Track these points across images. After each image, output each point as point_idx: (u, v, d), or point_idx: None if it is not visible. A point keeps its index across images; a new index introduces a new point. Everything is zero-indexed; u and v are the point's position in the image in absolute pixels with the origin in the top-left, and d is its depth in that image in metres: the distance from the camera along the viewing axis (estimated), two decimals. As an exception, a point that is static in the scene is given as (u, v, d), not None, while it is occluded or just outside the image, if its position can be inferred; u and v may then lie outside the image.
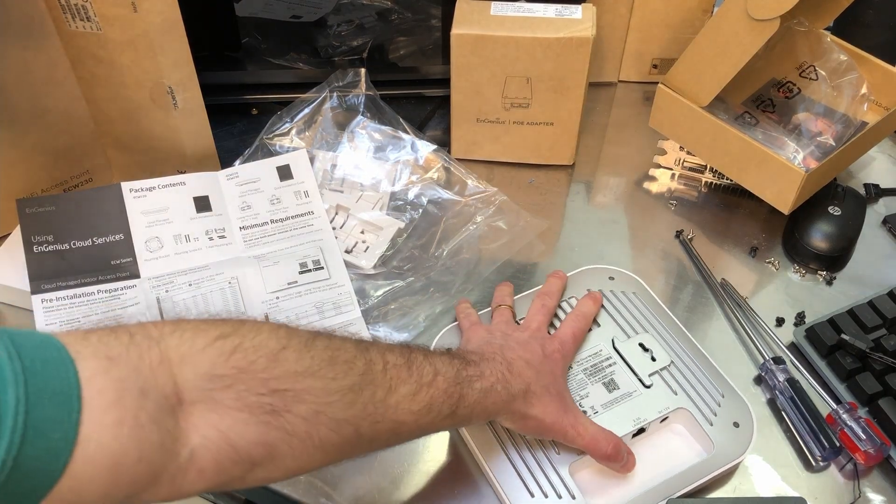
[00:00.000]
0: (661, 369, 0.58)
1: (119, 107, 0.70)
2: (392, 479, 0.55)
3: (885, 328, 0.62)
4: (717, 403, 0.56)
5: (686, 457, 0.55)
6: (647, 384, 0.57)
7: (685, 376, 0.58)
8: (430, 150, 0.77)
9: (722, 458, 0.54)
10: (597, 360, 0.59)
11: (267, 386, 0.38)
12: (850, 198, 0.73)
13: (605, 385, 0.57)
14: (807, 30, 0.74)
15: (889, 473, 0.56)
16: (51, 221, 0.65)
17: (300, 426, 0.39)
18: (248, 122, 0.83)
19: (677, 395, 0.57)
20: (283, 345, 0.40)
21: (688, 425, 0.57)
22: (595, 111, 0.87)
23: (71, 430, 0.32)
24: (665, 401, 0.56)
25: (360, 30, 0.92)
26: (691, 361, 0.59)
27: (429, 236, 0.72)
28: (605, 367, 0.59)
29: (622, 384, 0.57)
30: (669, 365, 0.59)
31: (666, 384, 0.58)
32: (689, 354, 0.60)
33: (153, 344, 0.36)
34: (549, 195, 0.78)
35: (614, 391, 0.57)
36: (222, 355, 0.38)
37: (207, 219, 0.68)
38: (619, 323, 0.62)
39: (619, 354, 0.60)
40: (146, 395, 0.35)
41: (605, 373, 0.58)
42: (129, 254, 0.65)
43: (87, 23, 0.63)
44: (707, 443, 0.55)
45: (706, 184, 0.78)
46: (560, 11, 0.72)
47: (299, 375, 0.39)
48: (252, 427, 0.37)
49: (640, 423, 0.55)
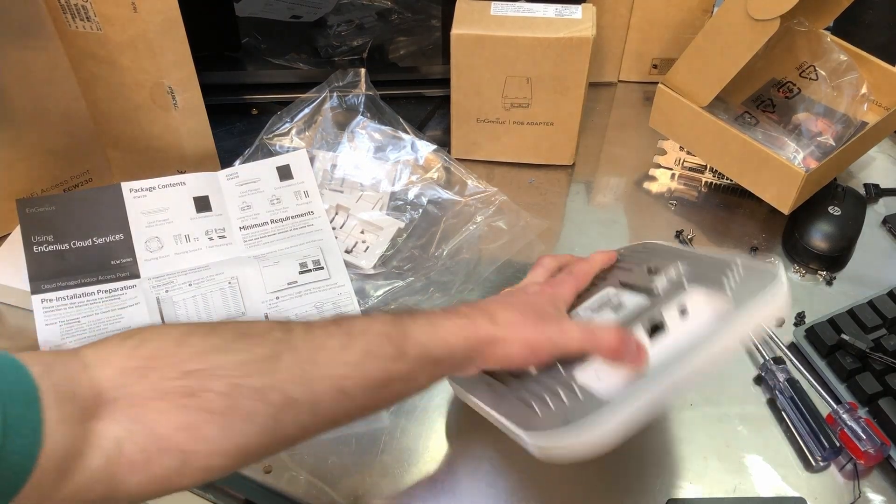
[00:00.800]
0: (667, 275, 0.53)
1: (119, 107, 0.70)
2: (392, 478, 0.55)
3: (885, 328, 0.62)
4: (736, 274, 0.49)
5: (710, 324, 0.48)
6: (656, 292, 0.51)
7: (693, 269, 0.52)
8: (430, 150, 0.77)
9: (746, 313, 0.46)
10: (603, 301, 0.54)
11: (178, 369, 0.38)
12: (850, 198, 0.73)
13: (613, 309, 0.52)
14: (807, 30, 0.74)
15: (889, 473, 0.56)
16: (51, 221, 0.65)
17: (219, 402, 0.38)
18: (248, 122, 0.83)
19: (688, 289, 0.50)
20: (187, 331, 0.40)
21: (711, 299, 0.49)
22: (595, 111, 0.87)
23: (38, 427, 0.34)
24: (678, 296, 0.49)
25: (360, 30, 0.92)
26: (699, 259, 0.52)
27: (429, 236, 0.72)
28: (612, 297, 0.54)
29: (629, 304, 0.52)
30: (676, 267, 0.53)
31: (672, 284, 0.51)
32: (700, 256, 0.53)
33: (73, 355, 0.39)
34: (549, 195, 0.78)
35: (621, 311, 0.52)
36: (131, 350, 0.39)
37: (207, 219, 0.68)
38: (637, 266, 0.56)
39: (627, 286, 0.54)
40: (75, 396, 0.37)
41: (612, 303, 0.53)
42: (129, 254, 0.65)
43: (87, 23, 0.63)
44: (729, 303, 0.47)
45: (706, 184, 0.78)
46: (560, 11, 0.72)
47: (208, 353, 0.39)
48: (172, 413, 0.38)
49: (653, 320, 0.48)
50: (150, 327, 0.42)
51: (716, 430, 0.58)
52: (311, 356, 0.41)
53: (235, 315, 0.63)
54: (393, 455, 0.56)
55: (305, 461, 0.56)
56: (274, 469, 0.55)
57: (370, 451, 0.56)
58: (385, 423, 0.58)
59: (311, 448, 0.56)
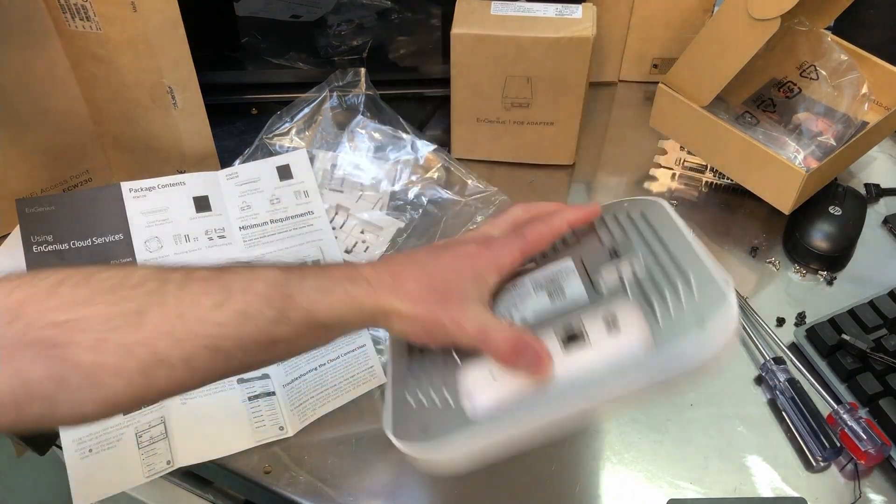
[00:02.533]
0: (621, 270, 0.45)
1: (119, 107, 0.70)
2: (392, 478, 0.55)
3: (885, 328, 0.62)
4: (679, 299, 0.41)
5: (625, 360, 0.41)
6: (600, 290, 0.44)
7: (651, 273, 0.43)
8: (430, 149, 0.77)
9: (667, 360, 0.39)
10: (550, 277, 0.47)
11: (46, 319, 0.38)
12: (851, 198, 0.73)
13: (550, 295, 0.45)
14: (807, 30, 0.74)
15: (889, 474, 0.56)
16: (50, 221, 0.65)
17: (86, 356, 0.38)
18: (248, 122, 0.83)
19: (630, 299, 0.43)
20: (60, 280, 0.40)
21: (637, 324, 0.41)
22: (595, 111, 0.87)
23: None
24: (616, 304, 0.43)
25: (360, 30, 0.92)
26: (669, 260, 0.43)
27: (429, 236, 0.72)
28: (559, 277, 0.46)
29: (569, 294, 0.45)
30: (634, 258, 0.45)
31: (618, 285, 0.44)
32: (670, 254, 0.44)
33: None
34: (549, 195, 0.78)
35: (557, 300, 0.45)
36: (5, 294, 0.39)
37: (207, 219, 0.68)
38: (605, 242, 0.48)
39: (585, 268, 0.47)
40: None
41: (555, 285, 0.46)
42: (128, 254, 0.65)
43: (87, 23, 0.63)
44: (651, 343, 0.40)
45: (706, 184, 0.78)
46: (560, 11, 0.72)
47: (77, 305, 0.39)
48: (39, 362, 0.38)
49: (569, 329, 0.42)
50: (26, 274, 0.41)
51: (716, 430, 0.58)
52: (180, 312, 0.40)
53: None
54: (393, 455, 0.56)
55: (305, 461, 0.56)
56: (274, 469, 0.55)
57: (370, 451, 0.56)
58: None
59: (311, 448, 0.56)
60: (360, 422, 0.58)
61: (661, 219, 0.47)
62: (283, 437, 0.57)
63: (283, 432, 0.57)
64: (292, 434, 0.57)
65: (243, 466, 0.55)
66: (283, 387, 0.59)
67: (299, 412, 0.58)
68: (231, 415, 0.57)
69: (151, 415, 0.57)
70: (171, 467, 0.55)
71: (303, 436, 0.57)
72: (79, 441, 0.55)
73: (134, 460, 0.55)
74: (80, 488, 0.54)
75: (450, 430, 0.41)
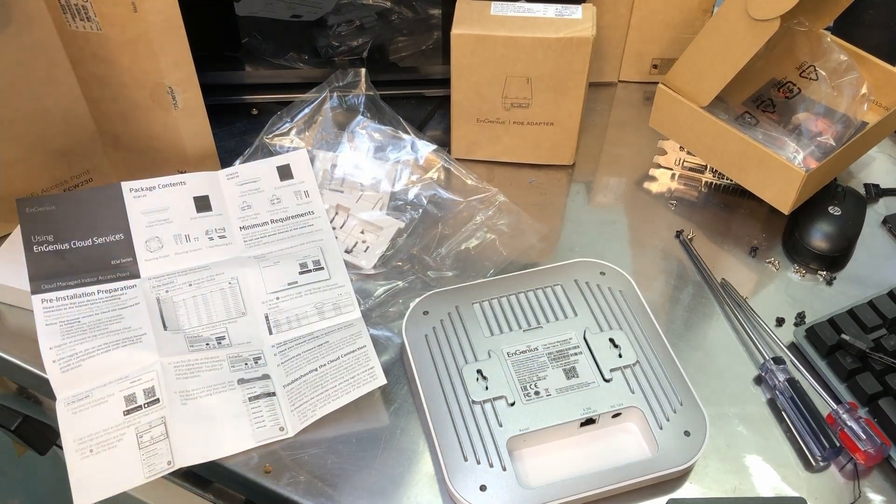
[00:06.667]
0: (625, 367, 0.58)
1: (119, 107, 0.70)
2: (392, 478, 0.55)
3: (885, 328, 0.62)
4: (672, 410, 0.56)
5: (630, 455, 0.55)
6: (606, 378, 0.57)
7: (647, 378, 0.58)
8: (430, 150, 0.77)
9: (665, 462, 0.54)
10: (563, 347, 0.59)
11: None
12: (851, 198, 0.73)
13: (565, 371, 0.58)
14: (807, 30, 0.74)
15: (889, 474, 0.56)
16: (51, 221, 0.65)
17: None
18: (248, 122, 0.84)
19: (634, 394, 0.57)
20: None
21: (639, 425, 0.57)
22: (595, 111, 0.87)
23: None
24: (621, 397, 0.56)
25: (360, 30, 0.92)
26: (658, 366, 0.59)
27: (429, 236, 0.72)
28: (569, 354, 0.59)
29: (582, 373, 0.58)
30: (634, 364, 0.58)
31: (626, 382, 0.57)
32: (658, 359, 0.59)
33: None
34: (549, 195, 0.78)
35: (572, 378, 0.57)
36: None
37: (207, 219, 0.69)
38: (595, 315, 0.62)
39: (588, 345, 0.60)
40: None
41: (569, 360, 0.59)
42: (129, 254, 0.65)
43: (87, 23, 0.63)
44: (654, 445, 0.55)
45: (706, 184, 0.78)
46: (560, 11, 0.72)
47: None
48: None
49: (589, 412, 0.55)
50: None
51: (716, 430, 0.58)
52: None
53: (236, 316, 0.63)
54: (393, 455, 0.56)
55: (305, 461, 0.56)
56: (274, 469, 0.55)
57: (370, 451, 0.56)
58: (385, 423, 0.58)
59: (311, 448, 0.56)
60: (360, 422, 0.58)
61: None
62: (284, 437, 0.57)
63: (283, 432, 0.57)
64: (292, 434, 0.57)
65: (243, 466, 0.56)
66: (283, 387, 0.59)
67: (300, 412, 0.58)
68: (231, 415, 0.57)
69: (152, 415, 0.57)
70: (172, 467, 0.55)
71: (303, 436, 0.57)
72: (79, 441, 0.55)
73: (134, 460, 0.55)
74: (81, 488, 0.54)
75: (507, 497, 0.51)
